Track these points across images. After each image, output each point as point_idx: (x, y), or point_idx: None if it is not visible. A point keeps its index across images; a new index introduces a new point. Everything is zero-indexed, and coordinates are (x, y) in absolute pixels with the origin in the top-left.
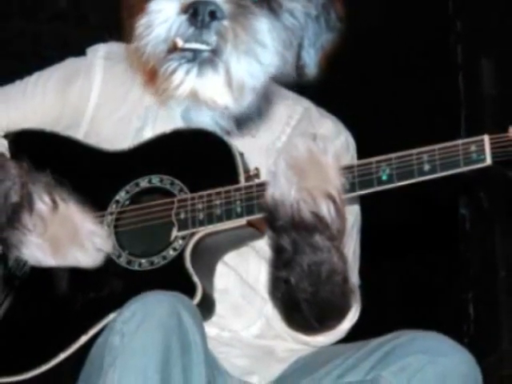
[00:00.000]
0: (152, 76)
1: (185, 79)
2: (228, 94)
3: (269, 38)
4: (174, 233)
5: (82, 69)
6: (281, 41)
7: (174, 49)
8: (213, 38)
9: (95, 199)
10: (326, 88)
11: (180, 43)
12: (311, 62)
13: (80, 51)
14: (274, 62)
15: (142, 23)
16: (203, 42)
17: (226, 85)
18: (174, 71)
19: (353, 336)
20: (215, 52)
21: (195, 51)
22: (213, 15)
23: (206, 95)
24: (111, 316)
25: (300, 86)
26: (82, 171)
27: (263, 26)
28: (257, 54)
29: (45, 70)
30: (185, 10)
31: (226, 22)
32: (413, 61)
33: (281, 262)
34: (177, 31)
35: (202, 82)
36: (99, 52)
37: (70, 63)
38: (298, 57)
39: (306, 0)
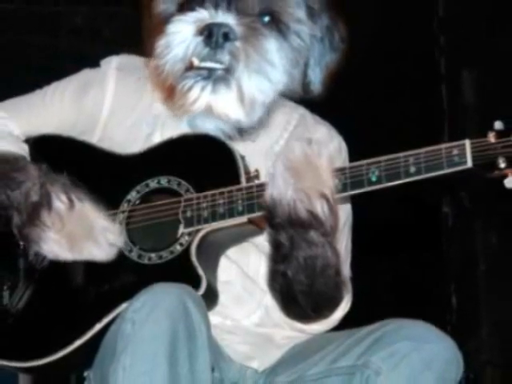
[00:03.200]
0: (170, 92)
1: (200, 95)
2: (240, 108)
3: (277, 57)
4: (181, 229)
5: (96, 79)
6: (288, 60)
7: (190, 67)
8: (226, 58)
9: (108, 198)
10: (320, 98)
11: (196, 62)
12: (316, 79)
13: (94, 63)
14: (282, 80)
15: (161, 44)
16: (217, 61)
17: (238, 100)
18: (190, 88)
19: (345, 325)
20: (228, 70)
21: (210, 70)
22: (226, 37)
23: (220, 110)
24: (123, 306)
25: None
26: (96, 173)
27: (272, 46)
28: (267, 73)
29: (62, 80)
30: (200, 31)
31: (238, 43)
32: (400, 72)
33: (279, 257)
34: (193, 51)
35: (216, 98)
36: (112, 63)
37: (85, 74)
38: (305, 75)
39: (312, 23)
